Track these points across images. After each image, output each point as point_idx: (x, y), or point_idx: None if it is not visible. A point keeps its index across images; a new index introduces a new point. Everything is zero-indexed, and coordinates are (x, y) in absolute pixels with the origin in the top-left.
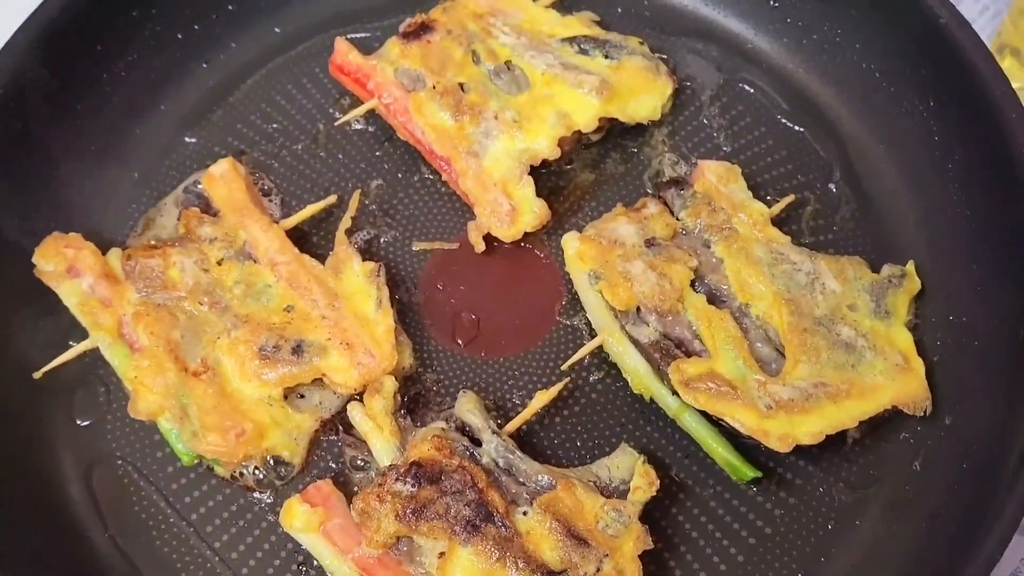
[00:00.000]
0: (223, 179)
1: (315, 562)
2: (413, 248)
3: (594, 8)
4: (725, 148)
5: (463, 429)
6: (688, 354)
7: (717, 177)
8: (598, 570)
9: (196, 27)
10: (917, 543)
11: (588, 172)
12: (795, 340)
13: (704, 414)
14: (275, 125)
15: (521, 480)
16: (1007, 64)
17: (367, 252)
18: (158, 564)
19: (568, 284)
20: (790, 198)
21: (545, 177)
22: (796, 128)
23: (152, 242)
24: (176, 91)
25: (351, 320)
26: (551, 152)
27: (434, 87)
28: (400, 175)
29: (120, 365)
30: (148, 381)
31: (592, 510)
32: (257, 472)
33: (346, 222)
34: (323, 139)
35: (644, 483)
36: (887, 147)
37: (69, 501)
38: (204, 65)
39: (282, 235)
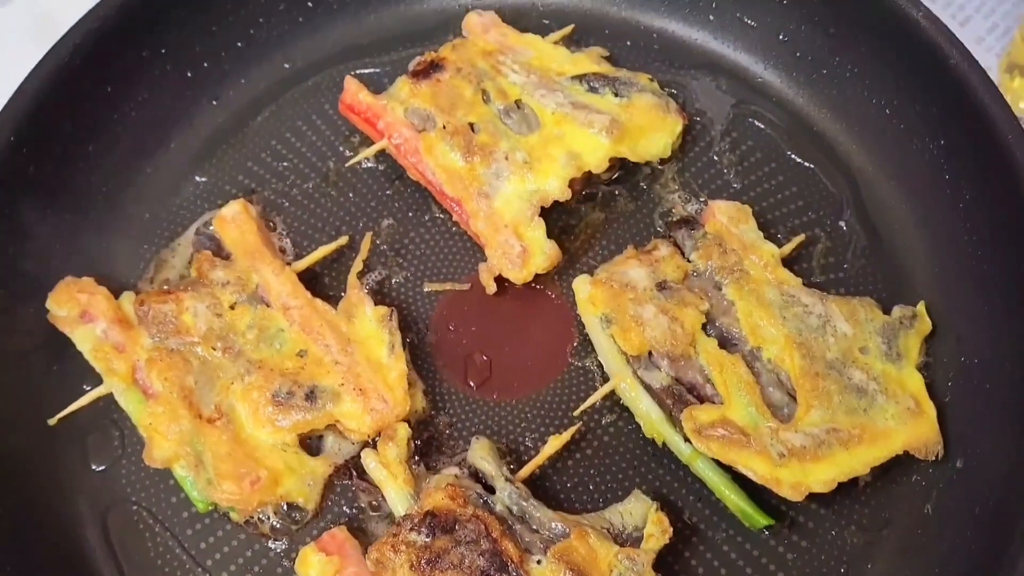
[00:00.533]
0: (234, 221)
1: None
2: (424, 290)
3: (603, 43)
4: (735, 185)
5: (476, 475)
6: (700, 398)
7: (728, 218)
8: None
9: (205, 64)
10: None
11: (598, 211)
12: (807, 385)
13: (717, 460)
14: (285, 164)
15: (535, 528)
16: (1016, 84)
17: (379, 293)
18: None
19: (580, 325)
20: (801, 238)
21: (556, 216)
22: (806, 164)
23: (165, 287)
24: (186, 129)
25: (364, 365)
26: (562, 193)
27: (444, 127)
28: (411, 214)
29: (134, 411)
30: (163, 428)
31: (606, 559)
32: (271, 519)
33: (358, 265)
34: (333, 177)
35: (657, 531)
36: (898, 183)
37: (85, 547)
38: (214, 102)
39: (294, 279)
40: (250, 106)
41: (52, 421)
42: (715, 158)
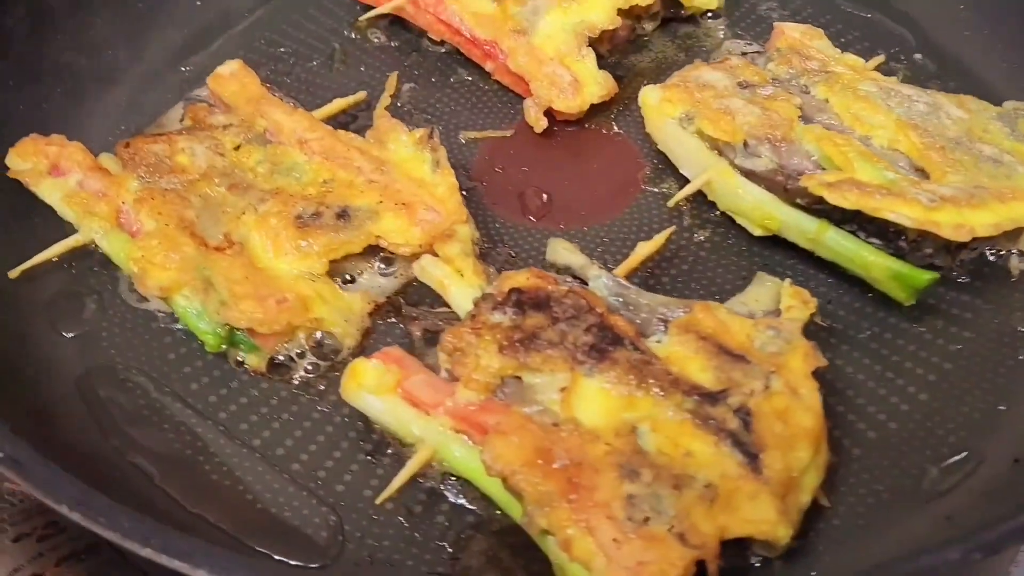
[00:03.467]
0: (234, 77)
1: (388, 448)
2: (461, 140)
3: None
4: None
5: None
6: None
7: (800, 33)
8: (767, 387)
9: None
10: None
11: (647, 62)
12: (935, 157)
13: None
14: (283, 49)
15: (644, 315)
16: None
17: None
18: (179, 468)
19: (649, 154)
20: (881, 58)
21: (602, 66)
22: (863, 14)
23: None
24: (167, 24)
25: (405, 182)
26: (611, 20)
27: None
28: (434, 79)
29: (120, 251)
30: (158, 259)
31: (742, 330)
32: (301, 363)
33: (385, 100)
34: (340, 55)
35: (797, 302)
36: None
37: (65, 411)
38: (198, 2)
39: (309, 116)
40: (238, 6)
41: (13, 274)
42: (764, 14)
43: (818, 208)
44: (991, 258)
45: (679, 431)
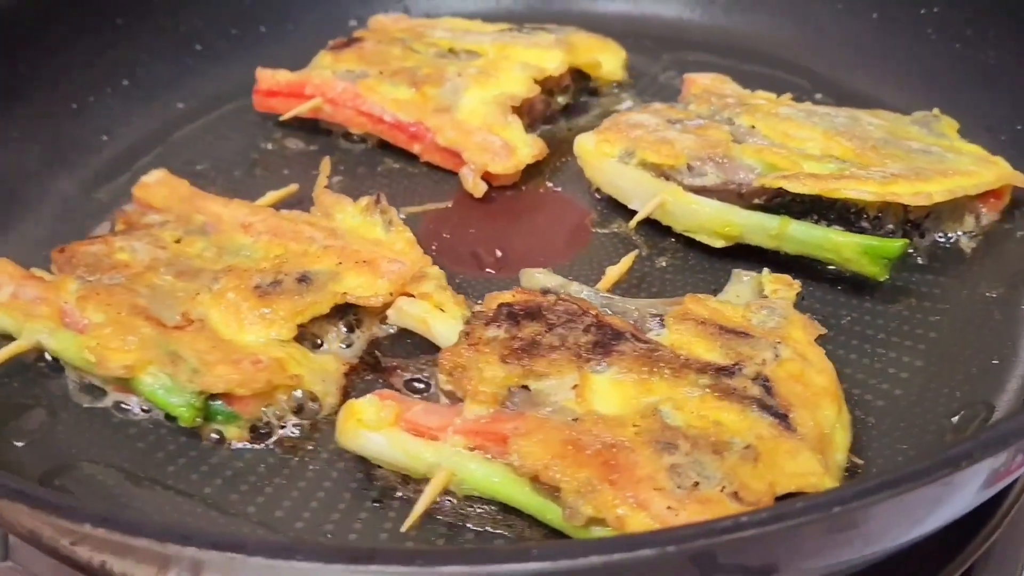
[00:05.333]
0: (160, 183)
1: (396, 492)
2: (401, 216)
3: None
4: None
5: None
6: None
7: (711, 80)
8: (777, 356)
9: (91, 99)
10: None
11: (566, 132)
12: (871, 155)
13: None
14: (202, 166)
15: (635, 316)
16: None
17: None
18: None
19: (592, 203)
20: (789, 94)
21: None
22: (761, 71)
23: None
24: (77, 160)
25: (361, 243)
26: (529, 89)
27: (381, 73)
28: (361, 170)
29: (70, 347)
30: (116, 344)
31: (737, 312)
32: (283, 423)
33: (322, 181)
34: (262, 163)
35: (781, 286)
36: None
37: None
38: (104, 137)
39: (247, 203)
40: (147, 138)
41: None
42: (668, 81)
43: (776, 206)
44: (943, 243)
45: (702, 405)
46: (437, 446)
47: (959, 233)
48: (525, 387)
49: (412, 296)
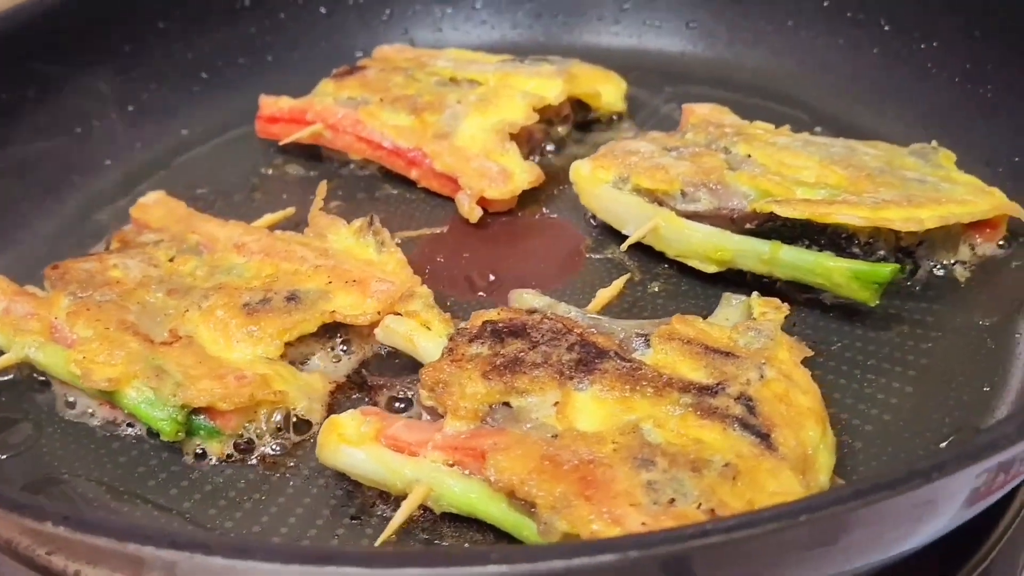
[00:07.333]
0: (158, 204)
1: (376, 508)
2: (396, 241)
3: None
4: None
5: None
6: None
7: (709, 110)
8: (762, 376)
9: (96, 123)
10: None
11: (564, 162)
12: (865, 183)
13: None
14: (202, 190)
15: (621, 336)
16: None
17: None
18: None
19: (587, 229)
20: (787, 126)
21: None
22: (760, 103)
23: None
24: (79, 183)
25: (352, 263)
26: (528, 116)
27: (381, 100)
28: (359, 195)
29: (58, 361)
30: (102, 358)
31: (724, 334)
32: (264, 440)
33: (318, 204)
34: (262, 187)
35: (769, 308)
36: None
37: None
38: (107, 161)
39: (242, 224)
40: (150, 164)
41: None
42: (669, 113)
43: (767, 231)
44: (938, 272)
45: (684, 424)
46: (416, 461)
47: (954, 262)
48: (507, 404)
49: (400, 315)
